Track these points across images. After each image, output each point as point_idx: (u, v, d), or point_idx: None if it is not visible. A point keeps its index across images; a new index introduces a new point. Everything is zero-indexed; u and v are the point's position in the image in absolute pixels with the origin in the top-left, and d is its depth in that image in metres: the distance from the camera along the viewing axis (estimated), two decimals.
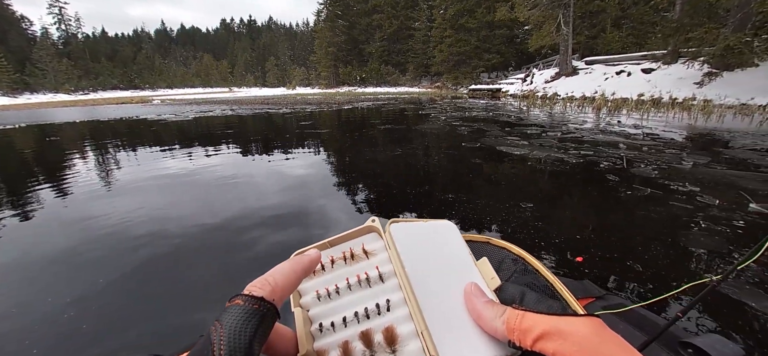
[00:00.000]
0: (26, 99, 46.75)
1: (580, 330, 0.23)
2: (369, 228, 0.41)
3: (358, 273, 0.37)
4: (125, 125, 10.18)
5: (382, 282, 0.36)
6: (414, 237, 0.39)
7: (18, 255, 2.11)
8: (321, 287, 0.36)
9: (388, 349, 0.31)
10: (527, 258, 0.93)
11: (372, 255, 0.39)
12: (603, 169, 3.63)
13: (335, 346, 0.31)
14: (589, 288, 1.25)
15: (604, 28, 24.15)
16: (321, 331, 0.33)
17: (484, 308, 0.30)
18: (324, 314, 0.34)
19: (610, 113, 10.15)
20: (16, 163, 5.21)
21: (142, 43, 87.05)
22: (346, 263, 0.39)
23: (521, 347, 0.25)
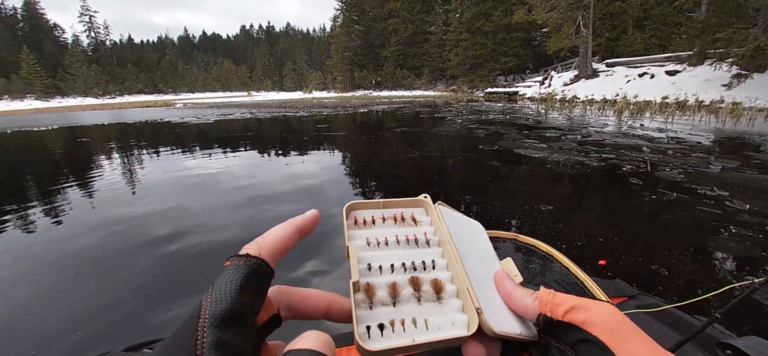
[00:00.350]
0: (58, 102, 49.19)
1: (602, 306, 0.27)
2: (419, 201, 0.45)
3: (406, 234, 0.40)
4: (150, 128, 10.59)
5: (428, 246, 0.39)
6: (456, 221, 0.43)
7: (62, 243, 2.24)
8: (371, 237, 0.39)
9: (435, 296, 0.33)
10: (555, 255, 0.94)
11: (419, 224, 0.42)
12: (626, 173, 3.54)
13: (383, 285, 0.33)
14: (621, 287, 1.23)
15: (626, 30, 23.51)
16: (369, 270, 0.35)
17: (514, 289, 0.33)
18: (372, 258, 0.37)
19: (632, 116, 9.87)
20: (50, 162, 5.52)
21: (166, 49, 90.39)
22: (396, 224, 0.42)
23: (552, 317, 0.28)
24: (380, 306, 0.32)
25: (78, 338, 1.39)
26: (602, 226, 2.31)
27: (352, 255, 0.35)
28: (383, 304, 0.32)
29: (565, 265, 0.93)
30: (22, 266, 2.00)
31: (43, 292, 1.71)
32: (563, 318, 0.28)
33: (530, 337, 0.31)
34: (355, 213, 0.43)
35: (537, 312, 0.30)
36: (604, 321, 0.26)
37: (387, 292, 0.33)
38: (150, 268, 1.91)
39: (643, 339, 0.24)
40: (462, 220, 0.45)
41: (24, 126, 12.93)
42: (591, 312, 0.26)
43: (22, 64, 53.39)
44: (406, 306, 0.32)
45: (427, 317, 0.31)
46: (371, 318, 0.31)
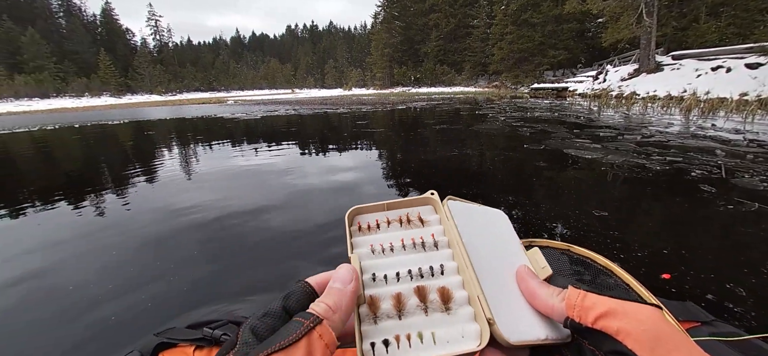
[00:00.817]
0: (128, 99, 54.82)
1: (643, 311, 0.23)
2: (427, 199, 0.42)
3: (413, 237, 0.38)
4: (204, 123, 11.42)
5: (436, 248, 0.37)
6: (469, 216, 0.39)
7: (135, 223, 2.49)
8: (375, 243, 0.37)
9: (443, 307, 0.31)
10: (614, 270, 0.84)
11: (427, 224, 0.40)
12: (695, 178, 3.17)
13: (388, 296, 0.31)
14: (692, 311, 1.07)
15: (697, 18, 21.01)
16: (374, 280, 0.33)
17: (539, 287, 0.29)
18: (377, 267, 0.35)
19: (702, 115, 8.82)
20: (123, 152, 6.16)
21: (219, 49, 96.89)
22: (402, 226, 0.40)
23: (581, 324, 0.24)
24: (385, 320, 0.30)
25: (143, 301, 1.53)
26: (666, 237, 2.08)
27: (355, 268, 0.33)
28: (388, 317, 0.30)
29: (626, 281, 0.83)
30: (97, 241, 2.24)
31: (116, 263, 1.91)
32: (593, 324, 0.24)
33: (560, 339, 0.28)
34: (358, 218, 0.41)
35: (564, 314, 0.26)
36: (643, 330, 0.21)
37: (392, 304, 0.31)
38: (201, 247, 2.05)
39: (694, 354, 0.20)
40: (478, 212, 0.42)
41: (101, 120, 14.57)
42: (628, 319, 0.22)
43: (100, 64, 60.22)
44: (412, 319, 0.30)
45: (434, 330, 0.29)
46: (376, 334, 0.29)
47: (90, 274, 1.88)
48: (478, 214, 0.41)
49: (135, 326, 1.44)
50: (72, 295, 1.69)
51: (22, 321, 1.53)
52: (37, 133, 10.19)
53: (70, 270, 1.94)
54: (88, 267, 1.97)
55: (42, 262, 2.03)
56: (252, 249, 2.10)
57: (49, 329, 1.46)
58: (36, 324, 1.50)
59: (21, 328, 1.48)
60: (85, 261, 2.03)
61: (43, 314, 1.56)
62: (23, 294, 1.71)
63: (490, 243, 0.37)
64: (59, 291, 1.73)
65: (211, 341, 0.50)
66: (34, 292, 1.73)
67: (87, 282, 1.80)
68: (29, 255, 2.12)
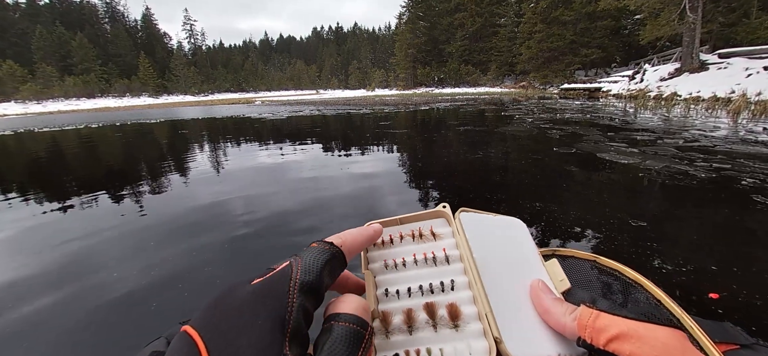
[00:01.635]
0: (164, 99, 57.86)
1: (660, 337, 0.21)
2: (439, 212, 0.43)
3: (425, 252, 0.38)
4: (234, 123, 11.83)
5: (447, 263, 0.37)
6: (482, 228, 0.39)
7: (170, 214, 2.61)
8: (389, 258, 0.39)
9: (451, 323, 0.32)
10: (644, 284, 0.77)
11: (439, 238, 0.41)
12: (746, 188, 2.91)
13: (399, 311, 0.33)
14: (730, 332, 0.97)
15: (748, 13, 19.43)
16: (386, 296, 0.35)
17: (552, 304, 0.29)
18: (389, 282, 0.36)
19: (753, 118, 8.13)
20: (158, 148, 6.49)
21: (249, 51, 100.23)
22: (414, 241, 0.41)
23: (592, 345, 0.24)
24: (397, 334, 0.31)
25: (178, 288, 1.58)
26: (714, 252, 1.91)
27: (369, 283, 0.35)
28: (399, 332, 0.31)
29: (657, 297, 0.75)
30: (135, 231, 2.36)
31: (152, 251, 2.00)
32: (605, 347, 0.23)
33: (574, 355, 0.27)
34: None
35: (576, 333, 0.26)
36: (656, 355, 0.20)
37: (403, 320, 0.32)
38: (229, 238, 2.11)
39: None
40: (493, 224, 0.41)
41: (140, 119, 15.45)
42: (640, 343, 0.21)
43: (140, 66, 64.00)
44: (422, 334, 0.31)
45: (442, 346, 0.30)
46: (388, 347, 0.30)
47: (130, 262, 1.98)
48: (493, 225, 0.40)
49: (167, 312, 1.49)
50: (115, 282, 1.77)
51: (69, 306, 1.62)
52: (84, 131, 10.95)
53: (116, 258, 2.05)
54: (129, 254, 2.07)
55: (88, 249, 2.16)
56: (277, 244, 2.13)
57: (94, 314, 1.54)
58: (82, 308, 1.58)
59: (68, 312, 1.57)
60: (129, 251, 2.13)
61: (86, 301, 1.65)
62: (68, 280, 1.82)
63: (504, 256, 0.36)
64: (103, 277, 1.83)
65: None
66: (81, 279, 1.84)
67: (124, 268, 1.89)
68: (74, 242, 2.26)
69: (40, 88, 52.78)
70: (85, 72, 59.11)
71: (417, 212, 0.43)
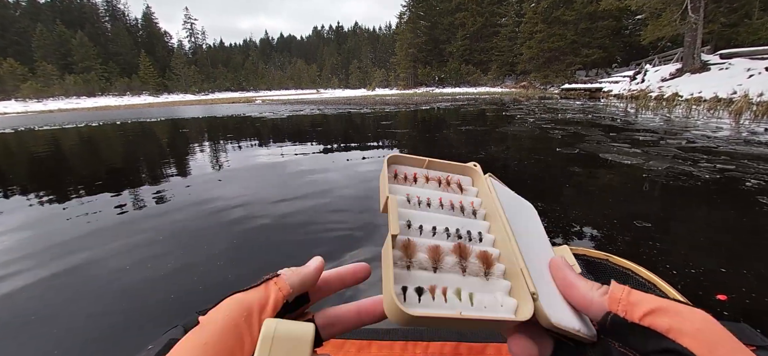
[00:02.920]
0: (164, 98, 57.81)
1: (696, 313, 0.21)
2: (468, 168, 0.40)
3: (452, 200, 0.36)
4: (234, 122, 11.82)
5: (474, 217, 0.35)
6: (507, 197, 0.37)
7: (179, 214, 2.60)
8: (412, 194, 0.35)
9: (483, 270, 0.29)
10: (658, 283, 0.76)
11: (466, 193, 0.38)
12: (750, 189, 2.90)
13: (423, 247, 0.29)
14: (747, 334, 0.97)
15: (750, 13, 19.40)
16: (408, 228, 0.31)
17: (577, 278, 0.27)
18: (413, 216, 0.32)
19: (755, 119, 8.12)
20: (160, 146, 6.48)
21: (249, 51, 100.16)
22: (440, 187, 0.38)
23: (626, 319, 0.23)
24: (418, 270, 0.28)
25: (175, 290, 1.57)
26: (720, 254, 1.90)
27: (392, 208, 0.30)
28: (422, 268, 0.28)
29: (672, 297, 0.73)
30: (136, 233, 2.35)
31: (152, 251, 1.99)
32: (640, 321, 0.22)
33: (588, 337, 0.25)
34: (396, 167, 0.39)
35: (604, 309, 0.24)
36: (698, 329, 0.20)
37: (428, 255, 0.29)
38: (227, 238, 2.10)
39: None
40: (513, 197, 0.39)
41: (139, 117, 15.44)
42: (680, 319, 0.21)
43: (141, 65, 63.97)
44: (448, 275, 0.28)
45: (472, 291, 0.27)
46: (408, 280, 0.27)
47: (146, 258, 1.97)
48: (514, 199, 0.38)
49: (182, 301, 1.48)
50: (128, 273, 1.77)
51: (81, 298, 1.61)
52: (85, 129, 10.94)
53: (132, 253, 2.04)
54: (144, 252, 2.06)
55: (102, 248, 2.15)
56: (282, 242, 2.12)
57: (112, 304, 1.53)
58: (100, 299, 1.57)
59: (81, 303, 1.56)
60: (146, 248, 2.13)
61: (104, 292, 1.64)
62: (78, 273, 1.81)
63: (526, 229, 0.34)
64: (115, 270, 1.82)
65: None
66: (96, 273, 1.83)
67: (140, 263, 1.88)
68: (86, 239, 2.25)
69: (40, 86, 52.80)
70: (85, 70, 59.12)
71: (447, 161, 0.40)
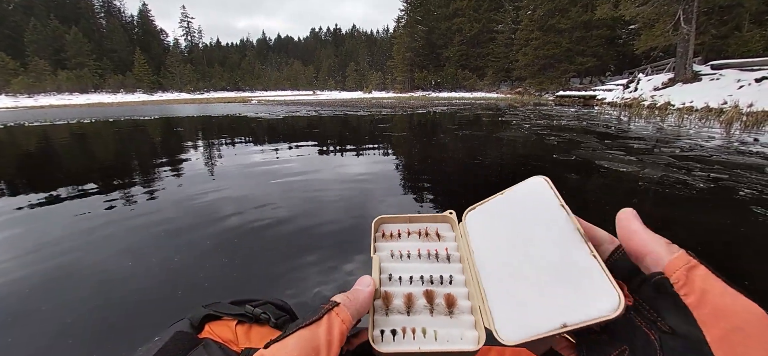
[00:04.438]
0: (159, 96, 57.29)
1: (748, 311, 0.20)
2: (445, 218, 0.46)
3: (429, 248, 0.42)
4: (229, 122, 11.72)
5: (448, 261, 0.41)
6: (491, 218, 0.41)
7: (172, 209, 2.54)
8: (395, 249, 0.42)
9: (447, 310, 0.35)
10: None
11: (443, 239, 0.44)
12: (745, 199, 2.92)
13: (400, 294, 0.36)
14: None
15: (740, 26, 19.80)
16: (389, 280, 0.38)
17: (641, 228, 0.27)
18: (394, 269, 0.40)
19: (745, 129, 8.25)
20: (153, 146, 6.38)
21: (246, 50, 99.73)
22: (420, 238, 0.45)
23: (673, 289, 0.21)
24: (396, 314, 0.35)
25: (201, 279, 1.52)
26: (718, 264, 1.90)
27: (375, 266, 0.39)
28: (398, 312, 0.35)
29: None
30: (120, 232, 2.29)
31: (138, 252, 1.93)
32: (685, 297, 0.21)
33: (610, 315, 0.24)
34: (383, 226, 0.46)
35: (660, 266, 0.23)
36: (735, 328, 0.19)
37: (403, 301, 0.35)
38: (217, 238, 2.05)
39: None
40: (502, 209, 0.41)
41: (133, 115, 15.25)
42: (724, 311, 0.20)
43: (135, 62, 63.33)
44: (419, 317, 0.35)
45: (437, 328, 0.33)
46: (387, 324, 0.34)
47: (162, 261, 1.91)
48: (504, 208, 0.40)
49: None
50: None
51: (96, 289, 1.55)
52: (75, 126, 10.76)
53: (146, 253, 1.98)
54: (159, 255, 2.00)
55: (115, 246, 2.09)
56: (281, 246, 2.08)
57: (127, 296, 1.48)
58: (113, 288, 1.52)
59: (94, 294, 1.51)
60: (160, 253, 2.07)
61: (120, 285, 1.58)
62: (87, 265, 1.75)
63: (516, 237, 0.35)
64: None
65: (251, 318, 0.54)
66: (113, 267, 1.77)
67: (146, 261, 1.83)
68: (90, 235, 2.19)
69: (32, 81, 51.95)
70: (78, 66, 58.33)
71: (426, 214, 0.46)
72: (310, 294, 1.65)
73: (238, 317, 0.56)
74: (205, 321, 0.57)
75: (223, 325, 0.55)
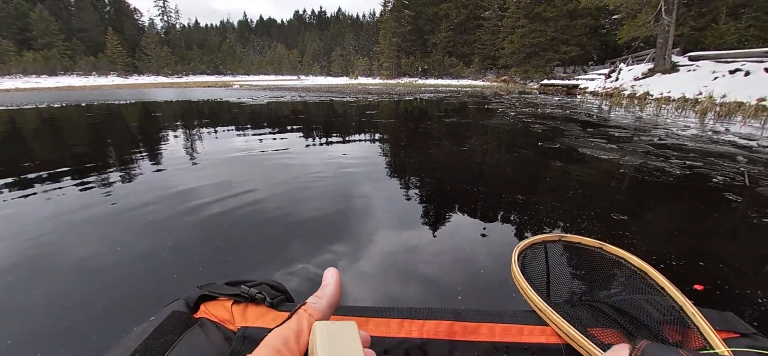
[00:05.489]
0: (134, 79, 54.88)
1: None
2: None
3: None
4: (210, 106, 11.34)
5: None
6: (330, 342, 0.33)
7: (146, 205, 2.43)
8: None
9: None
10: (649, 272, 0.76)
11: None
12: (718, 185, 3.04)
13: None
14: (732, 322, 0.99)
15: (717, 18, 20.42)
16: None
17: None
18: None
19: (718, 119, 8.59)
20: (127, 132, 6.11)
21: (226, 33, 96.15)
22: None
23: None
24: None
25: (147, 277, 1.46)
26: (695, 246, 1.98)
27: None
28: None
29: (660, 284, 0.74)
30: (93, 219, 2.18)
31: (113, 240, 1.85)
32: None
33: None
34: None
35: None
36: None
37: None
38: (196, 226, 1.99)
39: None
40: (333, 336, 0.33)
41: (107, 99, 14.55)
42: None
43: (108, 44, 60.11)
44: None
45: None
46: None
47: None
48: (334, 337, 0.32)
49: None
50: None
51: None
52: (45, 110, 10.18)
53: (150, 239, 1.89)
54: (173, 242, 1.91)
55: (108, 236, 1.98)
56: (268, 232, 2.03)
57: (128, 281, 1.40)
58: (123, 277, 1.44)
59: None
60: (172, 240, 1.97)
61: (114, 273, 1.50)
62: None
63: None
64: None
65: (247, 298, 0.55)
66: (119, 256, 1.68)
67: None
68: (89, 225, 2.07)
69: None
70: (46, 47, 54.82)
71: None
72: (296, 280, 1.62)
73: (234, 297, 0.57)
74: (200, 301, 0.57)
75: (218, 305, 0.56)
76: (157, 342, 0.47)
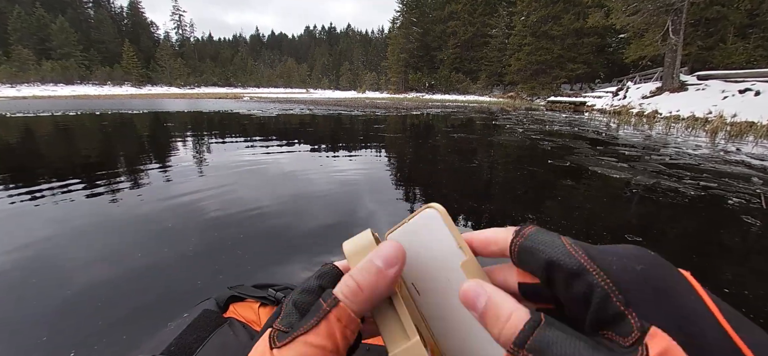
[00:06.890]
0: (148, 90, 56.17)
1: None
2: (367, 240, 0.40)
3: None
4: (220, 118, 11.54)
5: None
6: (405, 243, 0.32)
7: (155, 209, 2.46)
8: None
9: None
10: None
11: None
12: (734, 208, 2.99)
13: None
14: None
15: (724, 38, 20.41)
16: None
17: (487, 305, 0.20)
18: None
19: (730, 139, 8.49)
20: (140, 140, 6.23)
21: (239, 46, 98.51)
22: None
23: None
24: None
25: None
26: (716, 273, 1.93)
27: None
28: None
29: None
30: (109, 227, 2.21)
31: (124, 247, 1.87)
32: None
33: None
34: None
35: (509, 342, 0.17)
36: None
37: None
38: (203, 234, 2.00)
39: None
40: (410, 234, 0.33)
41: (121, 109, 14.89)
42: None
43: (124, 55, 61.94)
44: None
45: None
46: None
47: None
48: (411, 234, 0.31)
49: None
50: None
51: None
52: (61, 118, 10.45)
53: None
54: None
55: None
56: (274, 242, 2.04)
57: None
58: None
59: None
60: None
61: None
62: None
63: (427, 265, 0.30)
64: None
65: (273, 301, 0.58)
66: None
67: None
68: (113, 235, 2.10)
69: (14, 71, 50.33)
70: (64, 57, 56.70)
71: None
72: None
73: (261, 300, 0.60)
74: (229, 301, 0.61)
75: (246, 306, 0.58)
76: (191, 338, 0.51)
